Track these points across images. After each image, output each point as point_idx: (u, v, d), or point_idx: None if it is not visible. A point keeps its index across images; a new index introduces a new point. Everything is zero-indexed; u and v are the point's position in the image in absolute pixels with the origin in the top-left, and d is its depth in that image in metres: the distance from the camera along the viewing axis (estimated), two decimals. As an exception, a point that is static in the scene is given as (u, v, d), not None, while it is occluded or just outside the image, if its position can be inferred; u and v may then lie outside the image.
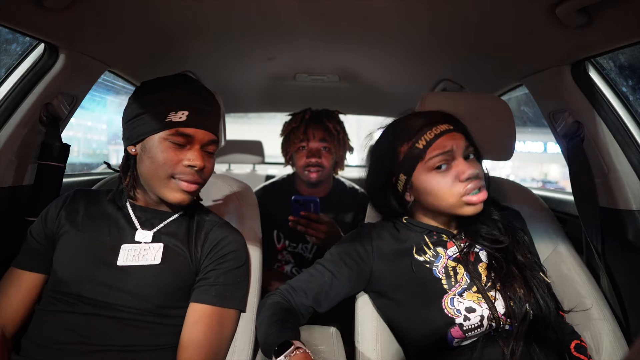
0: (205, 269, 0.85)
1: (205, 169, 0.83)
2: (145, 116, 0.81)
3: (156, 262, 0.82)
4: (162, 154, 0.80)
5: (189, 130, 0.80)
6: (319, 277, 0.87)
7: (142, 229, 0.86)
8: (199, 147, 0.82)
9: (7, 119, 1.00)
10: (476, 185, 0.80)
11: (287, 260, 1.51)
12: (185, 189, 0.81)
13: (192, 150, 0.81)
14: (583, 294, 0.92)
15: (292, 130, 1.50)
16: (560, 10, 0.84)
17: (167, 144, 0.80)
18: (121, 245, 0.83)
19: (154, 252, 0.84)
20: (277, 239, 1.52)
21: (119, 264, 0.81)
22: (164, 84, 0.84)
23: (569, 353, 0.79)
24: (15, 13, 0.84)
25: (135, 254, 0.83)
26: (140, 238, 0.85)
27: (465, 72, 1.46)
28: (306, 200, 1.21)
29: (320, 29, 1.16)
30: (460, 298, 0.78)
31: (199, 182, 0.83)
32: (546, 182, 10.92)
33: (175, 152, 0.80)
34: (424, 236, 0.89)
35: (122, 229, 0.86)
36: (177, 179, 0.81)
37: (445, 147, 0.81)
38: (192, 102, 0.81)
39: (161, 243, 0.85)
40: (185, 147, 0.81)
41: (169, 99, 0.81)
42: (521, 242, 0.86)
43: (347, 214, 1.53)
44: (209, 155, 0.84)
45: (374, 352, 0.85)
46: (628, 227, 0.98)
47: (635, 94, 1.15)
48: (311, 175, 1.45)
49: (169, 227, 0.88)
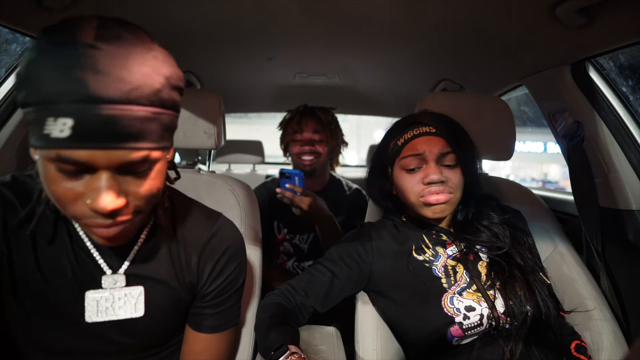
0: (206, 296, 0.69)
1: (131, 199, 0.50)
2: (26, 107, 0.45)
3: (138, 314, 0.62)
4: (51, 186, 0.48)
5: (76, 154, 0.44)
6: (319, 276, 0.87)
7: (109, 271, 0.61)
8: (110, 174, 0.47)
9: (7, 119, 1.00)
10: (437, 190, 0.81)
11: (287, 252, 1.55)
12: (101, 234, 0.51)
13: (95, 178, 0.47)
14: (583, 294, 0.92)
15: (287, 122, 1.59)
16: (560, 10, 0.84)
17: (52, 169, 0.47)
18: (85, 294, 0.60)
19: (132, 300, 0.62)
20: (278, 229, 1.56)
21: (88, 321, 0.60)
22: (44, 45, 0.44)
23: (569, 353, 0.79)
24: (15, 13, 0.84)
25: (108, 305, 0.60)
26: (110, 284, 0.61)
27: (465, 72, 1.46)
28: (291, 173, 1.31)
29: (320, 29, 1.16)
30: (460, 297, 0.78)
31: (125, 219, 0.50)
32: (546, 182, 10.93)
33: (69, 182, 0.47)
34: (423, 235, 0.89)
35: (82, 267, 0.60)
36: (85, 225, 0.50)
37: (417, 150, 0.83)
38: (84, 95, 0.42)
39: (139, 287, 0.62)
40: (86, 173, 0.47)
41: (48, 85, 0.43)
42: (522, 245, 0.86)
43: (343, 211, 1.55)
44: (138, 177, 0.50)
45: (374, 352, 0.85)
46: (628, 227, 0.98)
47: (635, 94, 1.15)
48: (305, 161, 1.51)
49: (144, 256, 0.63)
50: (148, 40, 0.48)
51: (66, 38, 0.44)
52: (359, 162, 3.61)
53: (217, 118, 1.05)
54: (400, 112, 0.96)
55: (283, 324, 0.79)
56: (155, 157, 0.50)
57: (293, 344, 0.74)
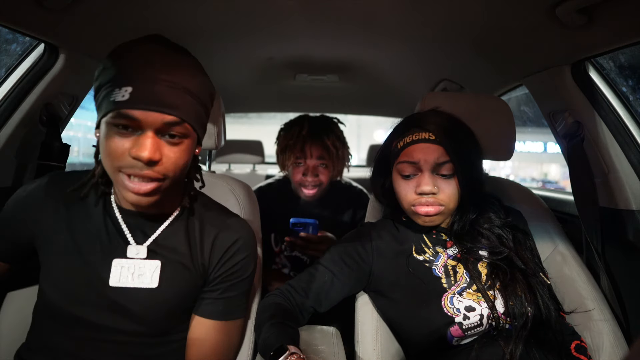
0: (213, 280, 0.76)
1: (164, 161, 0.63)
2: (100, 93, 0.64)
3: (153, 285, 0.71)
4: (107, 142, 0.63)
5: (133, 112, 0.60)
6: (319, 276, 0.87)
7: (134, 242, 0.73)
8: (153, 134, 0.62)
9: (7, 119, 1.00)
10: (427, 202, 0.81)
11: (283, 264, 1.49)
12: (133, 188, 0.63)
13: (141, 136, 0.62)
14: (583, 295, 0.92)
15: (287, 146, 1.40)
16: (560, 10, 0.84)
17: (111, 129, 0.63)
18: (112, 261, 0.71)
19: (150, 271, 0.72)
20: (275, 242, 1.49)
21: (111, 285, 0.70)
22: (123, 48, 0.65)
23: (569, 353, 0.79)
24: (15, 13, 0.84)
25: (129, 274, 0.71)
26: (133, 254, 0.72)
27: (465, 72, 1.46)
28: (305, 224, 1.20)
29: (320, 29, 1.16)
30: (460, 297, 0.78)
31: (156, 177, 0.64)
32: (546, 182, 10.93)
33: (122, 139, 0.62)
34: (424, 235, 0.89)
35: (112, 239, 0.73)
36: (123, 173, 0.64)
37: (412, 157, 0.83)
38: (141, 73, 0.62)
39: (157, 261, 0.73)
40: (135, 133, 0.62)
41: (118, 69, 0.62)
42: (524, 246, 0.86)
43: (345, 212, 1.52)
44: (171, 144, 0.64)
45: (374, 352, 0.85)
46: (628, 227, 0.98)
47: (635, 94, 1.15)
48: (307, 192, 1.39)
49: (165, 236, 0.75)
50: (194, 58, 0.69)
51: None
52: (359, 162, 3.60)
53: (217, 118, 1.05)
54: (400, 112, 0.95)
55: (282, 324, 0.79)
56: (185, 130, 0.65)
57: (292, 344, 0.73)
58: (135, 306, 0.71)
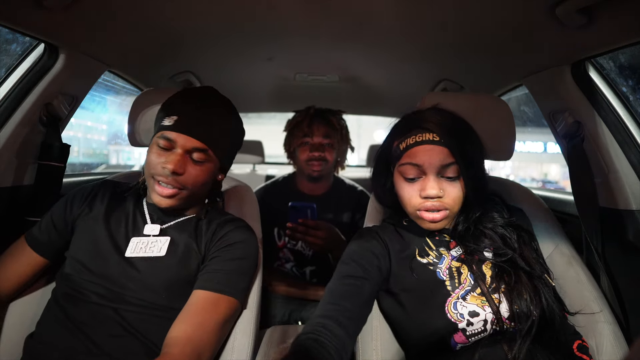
0: (210, 256, 0.87)
1: (185, 175, 0.84)
2: (156, 120, 0.89)
3: (161, 254, 0.85)
4: (150, 155, 0.85)
5: (171, 134, 0.83)
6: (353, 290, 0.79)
7: (151, 223, 0.90)
8: (182, 152, 0.83)
9: (7, 119, 1.00)
10: (433, 206, 0.79)
11: (287, 258, 1.52)
12: (159, 191, 0.83)
13: (173, 154, 0.83)
14: (583, 295, 0.92)
15: (296, 125, 1.53)
16: (560, 10, 0.84)
17: (155, 146, 0.85)
18: (131, 238, 0.87)
19: (160, 244, 0.87)
20: (278, 236, 1.53)
21: (126, 255, 0.84)
22: (182, 92, 0.91)
23: (572, 353, 0.78)
24: (15, 13, 0.84)
25: (143, 246, 0.86)
26: (149, 231, 0.88)
27: (465, 72, 1.46)
28: (303, 207, 1.20)
29: (320, 29, 1.15)
30: (464, 301, 0.76)
31: (177, 186, 0.84)
32: (546, 182, 10.92)
33: (159, 154, 0.84)
34: (426, 238, 0.88)
35: (135, 222, 0.90)
36: (155, 179, 0.84)
37: (416, 160, 0.80)
38: (186, 108, 0.85)
39: (168, 237, 0.88)
40: (170, 150, 0.84)
41: (171, 104, 0.88)
42: (528, 246, 0.84)
43: (346, 212, 1.54)
44: (194, 162, 0.85)
45: (374, 352, 0.85)
46: (628, 227, 0.98)
47: (635, 94, 1.15)
48: (314, 167, 1.47)
49: (178, 226, 0.91)
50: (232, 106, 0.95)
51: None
52: (359, 162, 3.60)
53: (217, 118, 1.05)
54: (400, 112, 0.95)
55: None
56: (209, 156, 0.87)
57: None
58: (142, 273, 0.83)
